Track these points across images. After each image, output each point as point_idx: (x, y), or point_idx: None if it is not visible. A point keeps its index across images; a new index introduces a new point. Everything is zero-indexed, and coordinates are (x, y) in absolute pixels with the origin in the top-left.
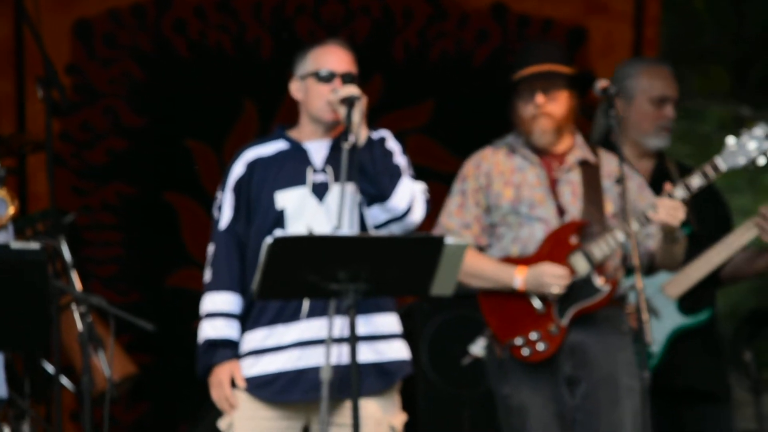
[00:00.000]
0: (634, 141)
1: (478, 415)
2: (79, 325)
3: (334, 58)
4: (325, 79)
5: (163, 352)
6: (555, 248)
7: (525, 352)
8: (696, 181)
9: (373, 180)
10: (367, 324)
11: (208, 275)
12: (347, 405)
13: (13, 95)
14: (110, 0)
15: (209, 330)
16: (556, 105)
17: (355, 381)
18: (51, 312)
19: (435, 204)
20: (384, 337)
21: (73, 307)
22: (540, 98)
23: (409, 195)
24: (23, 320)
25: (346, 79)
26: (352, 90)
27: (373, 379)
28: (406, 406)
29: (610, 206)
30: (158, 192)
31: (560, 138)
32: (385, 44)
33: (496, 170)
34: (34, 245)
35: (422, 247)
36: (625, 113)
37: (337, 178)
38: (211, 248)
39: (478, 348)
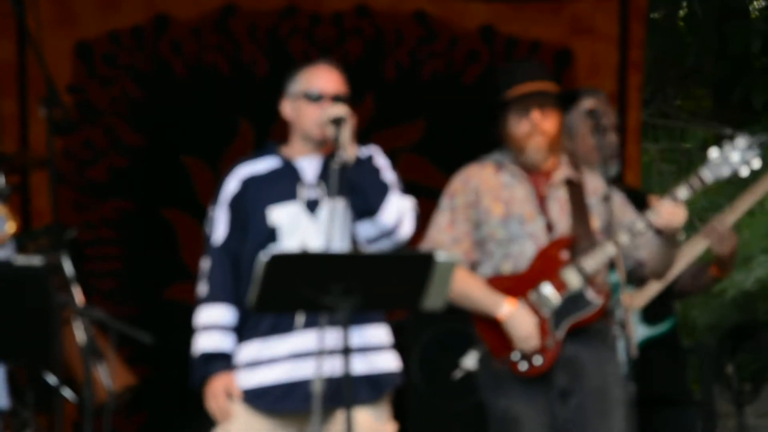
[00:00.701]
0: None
1: (469, 428)
2: (81, 338)
3: (324, 78)
4: (314, 99)
5: (160, 364)
6: (546, 264)
7: (522, 367)
8: (682, 192)
9: (362, 198)
10: (358, 335)
11: (203, 289)
12: (339, 414)
13: (17, 114)
14: (110, 22)
15: (205, 342)
16: (549, 123)
17: (348, 395)
18: (53, 325)
19: (426, 221)
20: (375, 349)
21: (75, 320)
22: (537, 116)
23: (397, 211)
24: (26, 333)
25: (336, 99)
26: (341, 110)
27: (364, 390)
28: (398, 420)
29: (596, 222)
30: (156, 208)
31: (551, 156)
32: (377, 64)
33: (485, 186)
34: (37, 260)
35: (413, 264)
36: (572, 148)
37: (327, 196)
38: (205, 263)
39: (470, 361)
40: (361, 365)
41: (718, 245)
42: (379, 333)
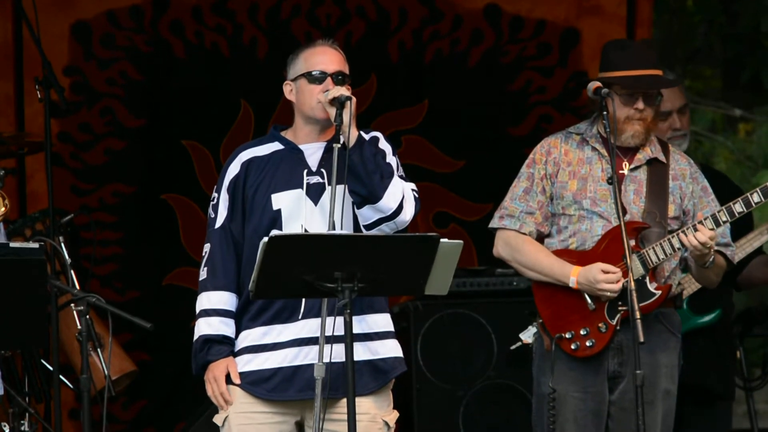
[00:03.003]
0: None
1: (473, 412)
2: (78, 324)
3: (324, 58)
4: (316, 79)
5: (161, 350)
6: (611, 247)
7: (573, 346)
8: (756, 197)
9: (363, 181)
10: (360, 323)
11: (203, 273)
12: (341, 401)
13: (13, 96)
14: (108, 1)
15: (205, 327)
16: (650, 110)
17: (351, 380)
18: (50, 311)
19: (429, 204)
20: (377, 336)
21: (72, 305)
22: (641, 104)
23: (400, 194)
24: (22, 319)
25: (337, 78)
26: (342, 90)
27: (367, 378)
28: (402, 404)
29: (672, 208)
30: (156, 192)
31: (646, 140)
32: (381, 45)
33: (564, 160)
34: (33, 245)
35: (417, 247)
36: None
37: (330, 180)
38: (206, 247)
39: (528, 335)
40: (363, 352)
41: None
42: (381, 320)
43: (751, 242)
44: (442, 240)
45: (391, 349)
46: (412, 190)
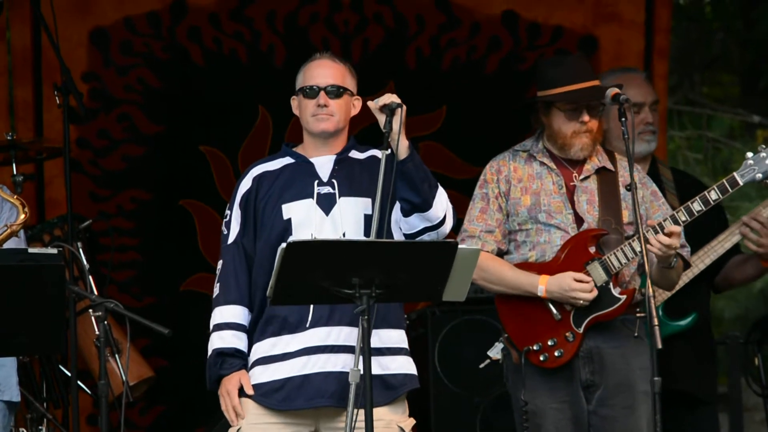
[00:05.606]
0: (619, 149)
1: (490, 418)
2: (96, 330)
3: (319, 72)
4: (309, 94)
5: (178, 356)
6: (572, 255)
7: (542, 357)
8: (713, 194)
9: (418, 188)
10: (372, 337)
11: (216, 290)
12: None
13: (32, 102)
14: (126, 8)
15: (217, 341)
16: (595, 121)
17: (368, 387)
18: (68, 316)
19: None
20: (389, 351)
21: (90, 311)
22: (586, 116)
23: (446, 203)
24: (41, 325)
25: (330, 92)
26: (393, 98)
27: (377, 392)
28: (419, 411)
29: (626, 214)
30: (174, 198)
31: (593, 150)
32: (398, 52)
33: (515, 177)
34: (52, 250)
35: (435, 253)
36: (606, 126)
37: (343, 192)
38: (219, 263)
39: (495, 351)
40: (372, 367)
41: (758, 239)
42: (394, 336)
43: (722, 243)
44: (460, 246)
45: (402, 365)
46: (448, 200)
